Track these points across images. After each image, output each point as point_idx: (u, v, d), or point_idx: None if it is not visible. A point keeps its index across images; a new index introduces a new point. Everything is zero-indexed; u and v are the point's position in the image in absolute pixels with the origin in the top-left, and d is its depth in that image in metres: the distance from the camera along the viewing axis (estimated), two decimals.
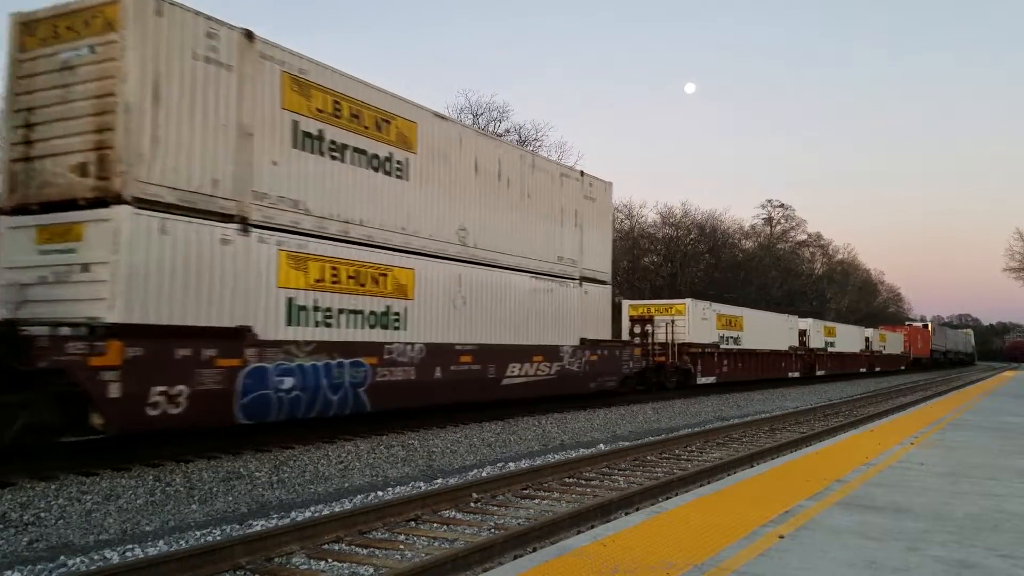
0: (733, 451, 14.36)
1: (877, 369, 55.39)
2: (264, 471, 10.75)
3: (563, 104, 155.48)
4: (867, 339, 54.41)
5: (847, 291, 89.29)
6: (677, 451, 14.05)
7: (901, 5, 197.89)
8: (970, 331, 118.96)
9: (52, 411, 9.56)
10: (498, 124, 46.62)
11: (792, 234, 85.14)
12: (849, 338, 49.69)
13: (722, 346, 31.41)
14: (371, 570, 6.55)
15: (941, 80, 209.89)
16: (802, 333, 41.81)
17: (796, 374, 39.82)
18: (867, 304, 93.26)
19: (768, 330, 36.58)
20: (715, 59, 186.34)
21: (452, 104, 56.39)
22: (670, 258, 60.89)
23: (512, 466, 11.97)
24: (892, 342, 61.35)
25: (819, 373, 42.95)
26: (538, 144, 47.68)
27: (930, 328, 77.67)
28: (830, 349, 45.34)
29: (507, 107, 58.63)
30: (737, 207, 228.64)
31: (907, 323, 79.67)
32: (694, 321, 29.17)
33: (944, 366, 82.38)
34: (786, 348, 38.59)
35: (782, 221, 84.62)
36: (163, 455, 11.17)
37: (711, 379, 30.24)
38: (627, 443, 14.55)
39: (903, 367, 64.24)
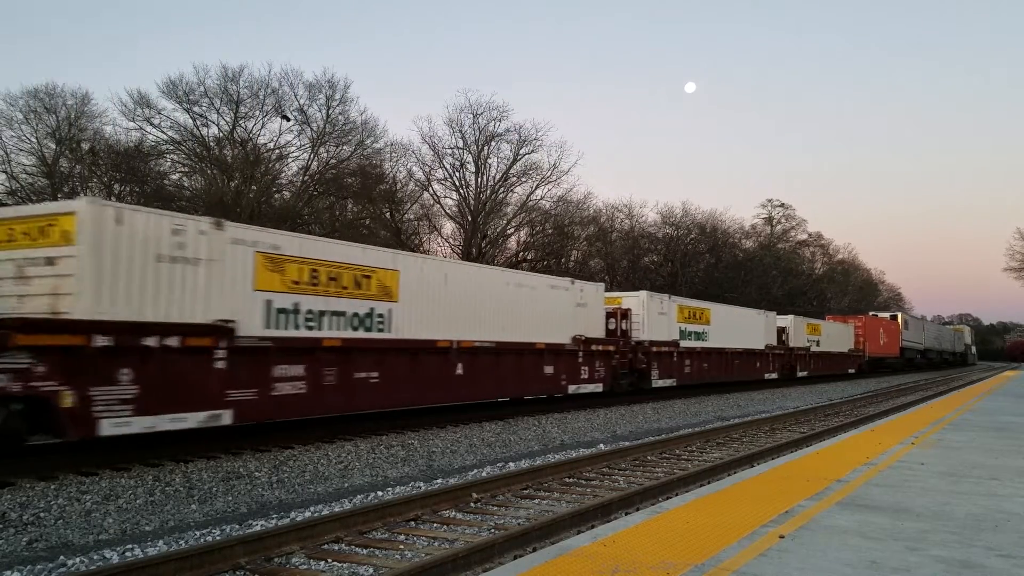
0: (733, 451, 14.35)
1: (803, 374, 38.95)
2: (264, 471, 10.75)
3: (563, 103, 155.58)
4: (782, 331, 37.63)
5: (848, 291, 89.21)
6: (677, 451, 14.05)
7: (902, 6, 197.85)
8: (964, 328, 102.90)
9: None
10: (498, 123, 46.64)
11: (792, 234, 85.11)
12: (741, 327, 31.81)
13: (286, 332, 12.65)
14: (371, 570, 6.54)
15: (942, 80, 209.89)
16: (619, 315, 23.52)
17: (587, 388, 20.96)
18: (868, 304, 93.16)
19: (465, 296, 16.69)
20: (715, 58, 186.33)
21: (452, 103, 56.42)
22: (670, 258, 60.84)
23: (512, 466, 11.96)
24: (834, 336, 45.36)
25: (659, 383, 24.88)
26: (538, 143, 47.65)
27: (900, 320, 60.97)
28: (689, 344, 27.04)
29: (507, 106, 58.44)
30: (737, 207, 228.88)
31: (871, 313, 62.04)
32: (92, 248, 10.12)
33: (924, 368, 67.30)
34: (566, 341, 19.91)
35: (782, 220, 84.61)
36: (162, 455, 11.17)
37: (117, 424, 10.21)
38: (627, 443, 14.53)
39: (852, 371, 48.34)
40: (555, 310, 19.82)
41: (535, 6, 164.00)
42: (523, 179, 48.55)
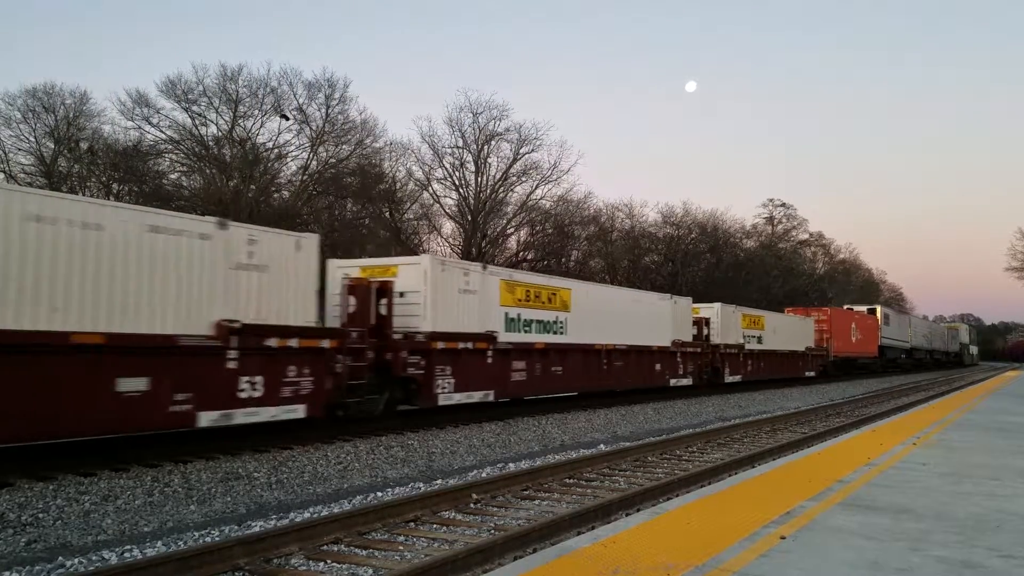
0: (734, 452, 14.32)
1: (734, 379, 30.65)
2: (263, 472, 10.72)
3: (564, 103, 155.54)
4: (703, 323, 29.37)
5: (849, 291, 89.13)
6: (678, 452, 14.01)
7: (902, 7, 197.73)
8: (960, 325, 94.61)
9: None
10: (498, 123, 46.60)
11: (794, 233, 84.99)
12: (629, 317, 23.41)
13: None
14: (370, 571, 6.52)
15: (942, 80, 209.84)
16: (364, 292, 14.72)
17: (260, 413, 11.85)
18: (869, 304, 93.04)
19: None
20: (716, 58, 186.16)
21: (452, 102, 56.40)
22: (671, 257, 60.80)
23: (512, 467, 11.94)
24: (785, 332, 36.64)
25: (453, 399, 16.35)
26: (538, 143, 47.59)
27: (879, 314, 53.21)
28: (526, 338, 18.57)
29: (507, 106, 58.39)
30: (738, 206, 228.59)
31: (845, 306, 54.17)
32: None
33: (910, 370, 60.47)
34: (195, 331, 11.01)
35: (783, 220, 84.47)
36: (161, 456, 11.14)
37: None
38: (628, 443, 14.51)
39: (810, 373, 39.64)
40: (174, 275, 10.93)
41: (535, 6, 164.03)
42: (523, 179, 48.60)
